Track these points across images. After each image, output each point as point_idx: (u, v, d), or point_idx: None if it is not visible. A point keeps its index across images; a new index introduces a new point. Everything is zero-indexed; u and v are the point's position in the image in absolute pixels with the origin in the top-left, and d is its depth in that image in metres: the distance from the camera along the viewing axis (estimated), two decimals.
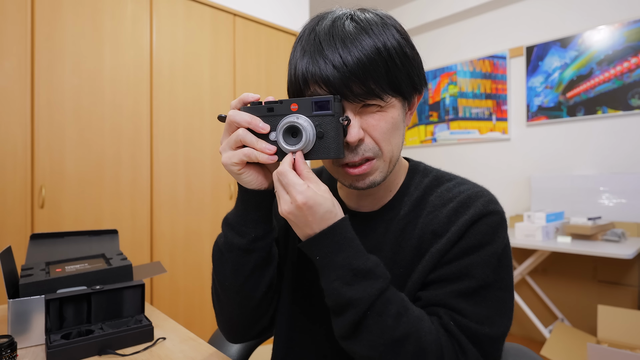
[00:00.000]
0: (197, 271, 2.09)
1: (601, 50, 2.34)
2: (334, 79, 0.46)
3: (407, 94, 0.52)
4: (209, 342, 0.82)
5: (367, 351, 0.45)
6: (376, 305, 0.45)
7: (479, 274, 0.49)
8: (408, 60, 0.50)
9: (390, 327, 0.44)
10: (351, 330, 0.46)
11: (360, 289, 0.44)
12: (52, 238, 0.92)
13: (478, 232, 0.51)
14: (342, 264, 0.45)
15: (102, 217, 1.77)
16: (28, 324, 0.70)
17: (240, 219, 0.53)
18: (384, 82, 0.48)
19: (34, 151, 1.60)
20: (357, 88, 0.47)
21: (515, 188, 2.74)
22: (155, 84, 1.94)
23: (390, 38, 0.48)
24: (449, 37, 3.12)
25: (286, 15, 2.60)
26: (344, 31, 0.47)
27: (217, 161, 2.18)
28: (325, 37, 0.48)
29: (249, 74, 2.36)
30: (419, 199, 0.57)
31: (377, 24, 0.49)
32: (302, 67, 0.49)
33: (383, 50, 0.47)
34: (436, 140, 3.19)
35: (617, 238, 1.93)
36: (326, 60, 0.46)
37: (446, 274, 0.50)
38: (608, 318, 1.80)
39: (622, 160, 2.29)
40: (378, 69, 0.47)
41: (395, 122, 0.51)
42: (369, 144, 0.50)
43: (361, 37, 0.47)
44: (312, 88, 0.49)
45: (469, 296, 0.49)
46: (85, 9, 1.74)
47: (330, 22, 0.49)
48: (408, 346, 0.45)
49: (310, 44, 0.49)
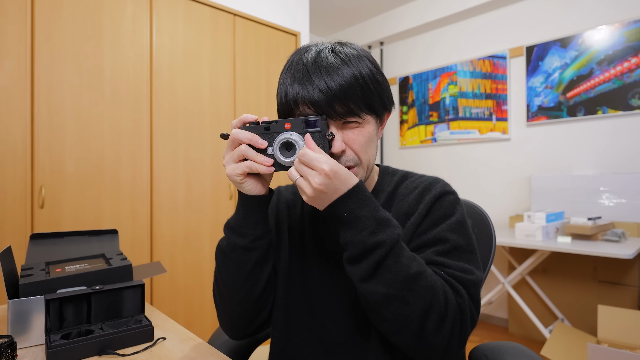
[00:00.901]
0: (197, 271, 2.09)
1: (601, 50, 2.34)
2: (320, 101, 0.56)
3: (379, 112, 0.62)
4: (208, 342, 0.82)
5: (385, 289, 0.52)
6: (395, 248, 0.53)
7: (451, 238, 0.60)
8: (379, 85, 0.61)
9: (406, 266, 0.52)
10: (373, 271, 0.53)
11: (385, 234, 0.52)
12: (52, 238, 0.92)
13: (441, 206, 0.63)
14: (368, 216, 0.52)
15: (102, 217, 1.77)
16: (28, 324, 0.70)
17: (241, 221, 0.61)
18: (361, 102, 0.58)
19: (34, 151, 1.60)
20: (339, 108, 0.57)
21: (515, 188, 2.74)
22: (155, 84, 1.94)
23: (364, 67, 0.59)
24: (449, 37, 3.12)
25: (286, 15, 2.60)
26: (327, 62, 0.57)
27: (217, 161, 2.18)
28: (312, 66, 0.57)
29: (249, 74, 2.36)
30: (391, 192, 0.69)
31: (354, 56, 0.59)
32: (293, 92, 0.58)
33: (359, 77, 0.57)
34: (436, 140, 3.19)
35: (617, 238, 1.93)
36: (313, 86, 0.56)
37: (424, 241, 0.61)
38: (608, 318, 1.80)
39: (622, 160, 2.29)
40: (356, 92, 0.57)
41: (370, 136, 0.61)
42: (350, 155, 0.60)
43: (342, 67, 0.57)
44: (302, 108, 0.58)
45: (447, 254, 0.59)
46: (85, 9, 1.74)
47: (314, 54, 0.59)
48: (421, 282, 0.52)
49: (299, 72, 0.58)
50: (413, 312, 0.52)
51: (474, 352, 0.79)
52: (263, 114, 2.42)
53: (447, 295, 0.54)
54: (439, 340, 0.53)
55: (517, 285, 2.50)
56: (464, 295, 0.56)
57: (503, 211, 2.79)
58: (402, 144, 3.44)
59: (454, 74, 3.06)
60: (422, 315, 0.52)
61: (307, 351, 0.66)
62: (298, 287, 0.69)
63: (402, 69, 3.46)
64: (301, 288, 0.68)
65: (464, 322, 0.55)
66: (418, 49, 3.34)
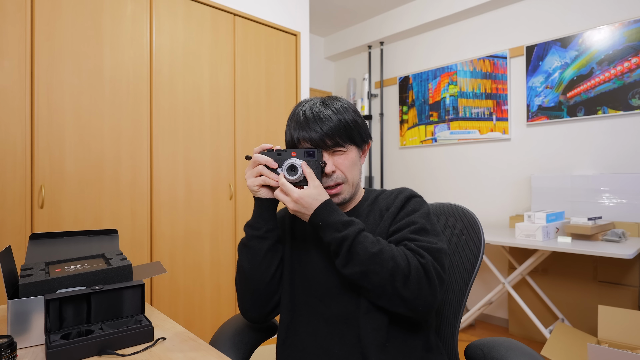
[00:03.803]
0: (197, 271, 2.09)
1: (601, 50, 2.34)
2: (316, 138, 0.80)
3: (359, 144, 0.86)
4: (209, 342, 0.82)
5: (359, 267, 0.72)
6: (358, 237, 0.73)
7: (420, 222, 0.80)
8: (359, 126, 0.85)
9: (369, 248, 0.72)
10: (346, 258, 0.73)
11: (348, 230, 0.73)
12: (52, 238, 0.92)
13: (411, 204, 0.84)
14: (335, 221, 0.74)
15: (101, 217, 1.77)
16: (28, 324, 0.70)
17: (256, 219, 0.83)
18: (345, 137, 0.82)
19: (34, 151, 1.60)
20: (329, 141, 0.80)
21: (515, 188, 2.74)
22: (155, 84, 1.94)
23: (348, 116, 0.83)
24: (449, 37, 3.12)
25: (286, 15, 2.60)
26: (321, 113, 0.81)
27: (217, 161, 2.18)
28: (309, 115, 0.81)
29: (249, 74, 2.36)
30: (372, 202, 0.90)
31: (340, 108, 0.83)
32: (297, 133, 0.82)
33: (344, 122, 0.81)
34: (436, 140, 3.19)
35: (618, 238, 1.92)
36: (311, 129, 0.80)
37: (401, 225, 0.81)
38: (608, 318, 1.80)
39: (622, 160, 2.29)
40: (341, 131, 0.81)
41: (353, 160, 0.84)
42: (339, 175, 0.82)
43: (332, 116, 0.81)
44: (303, 143, 0.82)
45: (417, 232, 0.78)
46: (85, 9, 1.74)
47: (309, 106, 0.83)
48: (382, 255, 0.71)
49: (300, 120, 0.82)
50: (382, 277, 0.70)
51: (470, 347, 0.81)
52: (262, 113, 2.42)
53: (408, 260, 0.71)
54: (408, 294, 0.70)
55: (517, 285, 2.50)
56: (426, 257, 0.73)
57: (503, 211, 2.79)
58: (402, 144, 3.44)
59: (454, 73, 3.06)
60: (389, 278, 0.70)
61: (310, 324, 0.81)
62: (300, 274, 0.85)
63: (402, 68, 3.46)
64: (302, 274, 0.85)
65: (430, 278, 0.71)
66: (418, 49, 3.34)
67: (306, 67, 2.72)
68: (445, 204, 1.02)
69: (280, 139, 2.52)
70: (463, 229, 0.96)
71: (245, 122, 2.33)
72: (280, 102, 2.53)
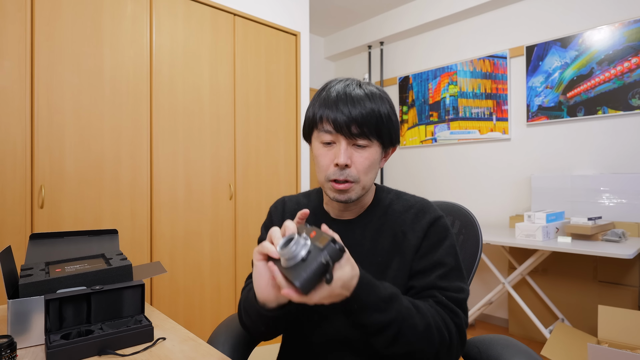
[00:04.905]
0: (197, 271, 2.09)
1: (601, 50, 2.34)
2: (341, 120, 0.68)
3: (386, 143, 0.74)
4: (208, 341, 0.82)
5: (404, 348, 0.62)
6: (406, 318, 0.61)
7: (447, 261, 0.72)
8: (392, 123, 0.73)
9: (418, 323, 0.62)
10: (392, 341, 0.61)
11: (394, 310, 0.60)
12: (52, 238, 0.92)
13: (436, 231, 0.74)
14: (375, 299, 0.59)
15: (101, 217, 1.77)
16: (28, 324, 0.70)
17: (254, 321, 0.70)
18: (373, 129, 0.70)
19: (34, 151, 1.60)
20: (355, 129, 0.68)
21: (515, 188, 2.74)
22: (155, 84, 1.94)
23: (383, 107, 0.71)
24: (449, 37, 3.12)
25: (286, 15, 2.60)
26: (354, 94, 0.70)
27: (217, 161, 2.18)
28: (340, 94, 0.70)
29: (249, 74, 2.36)
30: (386, 208, 0.80)
31: (376, 95, 0.71)
32: (320, 111, 0.71)
33: (377, 112, 0.69)
34: (436, 140, 3.19)
35: (618, 238, 1.92)
36: (337, 109, 0.68)
37: (427, 266, 0.72)
38: (608, 318, 1.80)
39: (622, 160, 2.29)
40: (371, 120, 0.69)
41: (374, 161, 0.72)
42: (352, 172, 0.71)
43: (364, 100, 0.69)
44: (324, 124, 0.70)
45: (445, 277, 0.71)
46: (85, 9, 1.74)
47: (343, 85, 0.72)
48: (430, 331, 0.62)
49: (329, 98, 0.71)
50: (428, 353, 0.63)
51: (466, 345, 0.81)
52: (262, 113, 2.42)
53: (448, 327, 0.65)
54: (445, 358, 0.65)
55: (517, 285, 2.49)
56: (460, 314, 0.68)
57: (503, 211, 2.79)
58: (402, 144, 3.44)
59: (454, 73, 3.06)
60: (435, 353, 0.63)
61: (315, 338, 0.76)
62: None
63: (402, 68, 3.46)
64: None
65: (462, 335, 0.68)
66: (418, 49, 3.34)
67: (306, 67, 2.72)
68: (443, 203, 1.03)
69: (280, 139, 2.52)
70: (461, 228, 0.97)
71: (245, 122, 2.33)
72: (280, 102, 2.53)
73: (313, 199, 0.88)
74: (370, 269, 0.74)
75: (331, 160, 0.71)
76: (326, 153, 0.72)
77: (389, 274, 0.74)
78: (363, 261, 0.75)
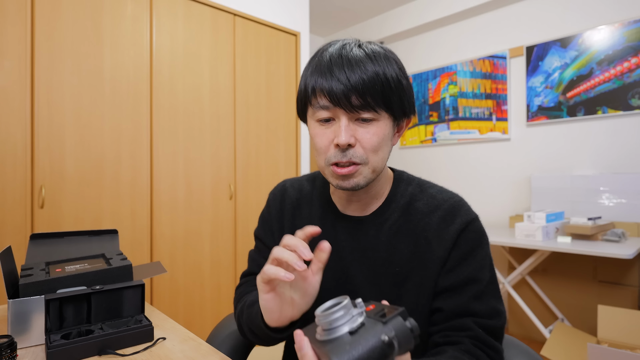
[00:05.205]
0: (197, 271, 2.09)
1: (601, 50, 2.34)
2: (337, 90, 0.54)
3: (397, 114, 0.60)
4: (207, 339, 0.82)
5: None
6: None
7: (481, 277, 0.60)
8: (402, 87, 0.58)
9: None
10: None
11: None
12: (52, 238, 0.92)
13: (468, 239, 0.61)
14: None
15: (102, 217, 1.77)
16: (28, 324, 0.70)
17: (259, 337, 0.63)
18: (379, 98, 0.56)
19: (34, 151, 1.60)
20: (355, 100, 0.55)
21: (515, 188, 2.74)
22: (155, 84, 1.94)
23: (389, 68, 0.57)
24: (449, 37, 3.12)
25: (286, 15, 2.60)
26: (351, 55, 0.56)
27: (217, 161, 2.18)
28: (335, 57, 0.57)
29: (249, 74, 2.36)
30: (406, 205, 0.66)
31: (380, 55, 0.58)
32: (312, 80, 0.57)
33: (382, 76, 0.56)
34: (436, 140, 3.19)
35: (617, 238, 1.93)
36: (333, 75, 0.55)
37: (456, 282, 0.60)
38: (608, 318, 1.80)
39: (622, 160, 2.29)
40: (375, 87, 0.55)
41: (384, 136, 0.58)
42: (358, 152, 0.57)
43: (366, 61, 0.56)
44: (319, 98, 0.57)
45: (480, 297, 0.59)
46: (85, 9, 1.74)
47: (339, 46, 0.59)
48: None
49: (322, 63, 0.57)
50: None
51: None
52: (262, 113, 2.42)
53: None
54: None
55: (517, 285, 2.50)
56: (500, 349, 0.58)
57: (503, 211, 2.79)
58: (402, 144, 3.44)
59: (454, 74, 3.06)
60: None
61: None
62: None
63: None
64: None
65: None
66: (418, 49, 3.34)
67: None
68: None
69: (280, 139, 2.52)
70: None
71: (245, 122, 2.33)
72: (280, 102, 2.53)
73: (318, 185, 0.75)
74: (384, 280, 0.63)
75: (330, 140, 0.58)
76: (323, 132, 0.59)
77: (407, 288, 0.63)
78: (377, 270, 0.64)
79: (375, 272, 0.64)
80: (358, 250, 0.65)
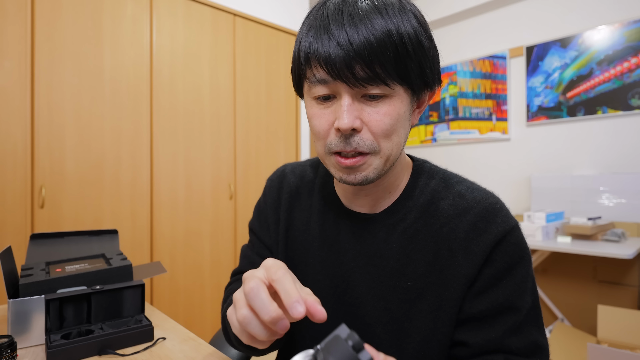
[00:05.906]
0: (197, 271, 2.09)
1: (601, 50, 2.34)
2: (335, 58, 0.41)
3: (416, 86, 0.46)
4: (210, 342, 0.82)
5: None
6: None
7: (520, 304, 0.47)
8: (422, 50, 0.44)
9: None
10: None
11: None
12: (52, 238, 0.92)
13: (505, 253, 0.47)
14: None
15: (102, 217, 1.77)
16: (28, 324, 0.70)
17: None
18: (391, 67, 0.42)
19: (34, 151, 1.60)
20: (361, 71, 0.42)
21: (515, 188, 2.74)
22: (155, 84, 1.94)
23: (405, 23, 0.43)
24: (449, 37, 3.12)
25: (286, 15, 2.60)
26: (355, 8, 0.42)
27: (217, 161, 2.18)
28: (333, 12, 0.43)
29: (249, 74, 2.36)
30: (427, 204, 0.52)
31: (393, 5, 0.43)
32: (305, 44, 0.45)
33: (395, 34, 0.42)
34: (436, 140, 3.19)
35: (617, 238, 1.93)
36: (330, 37, 0.42)
37: (487, 309, 0.47)
38: (608, 318, 1.80)
39: (622, 160, 2.29)
40: (386, 52, 0.41)
41: (399, 117, 0.45)
42: (365, 138, 0.45)
43: (373, 16, 0.42)
44: (314, 67, 0.44)
45: (519, 330, 0.46)
46: (85, 9, 1.74)
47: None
48: None
49: (318, 19, 0.44)
50: None
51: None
52: (263, 114, 2.42)
53: None
54: None
55: None
56: None
57: None
58: None
59: (454, 74, 3.06)
60: None
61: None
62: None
63: None
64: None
65: None
66: None
67: None
68: None
69: (280, 139, 2.52)
70: None
71: (245, 122, 2.33)
72: (280, 102, 2.53)
73: (322, 173, 0.63)
74: (393, 296, 0.51)
75: (330, 123, 0.46)
76: (322, 113, 0.47)
77: (419, 309, 0.49)
78: (384, 282, 0.51)
79: (382, 283, 0.51)
80: (363, 255, 0.53)
